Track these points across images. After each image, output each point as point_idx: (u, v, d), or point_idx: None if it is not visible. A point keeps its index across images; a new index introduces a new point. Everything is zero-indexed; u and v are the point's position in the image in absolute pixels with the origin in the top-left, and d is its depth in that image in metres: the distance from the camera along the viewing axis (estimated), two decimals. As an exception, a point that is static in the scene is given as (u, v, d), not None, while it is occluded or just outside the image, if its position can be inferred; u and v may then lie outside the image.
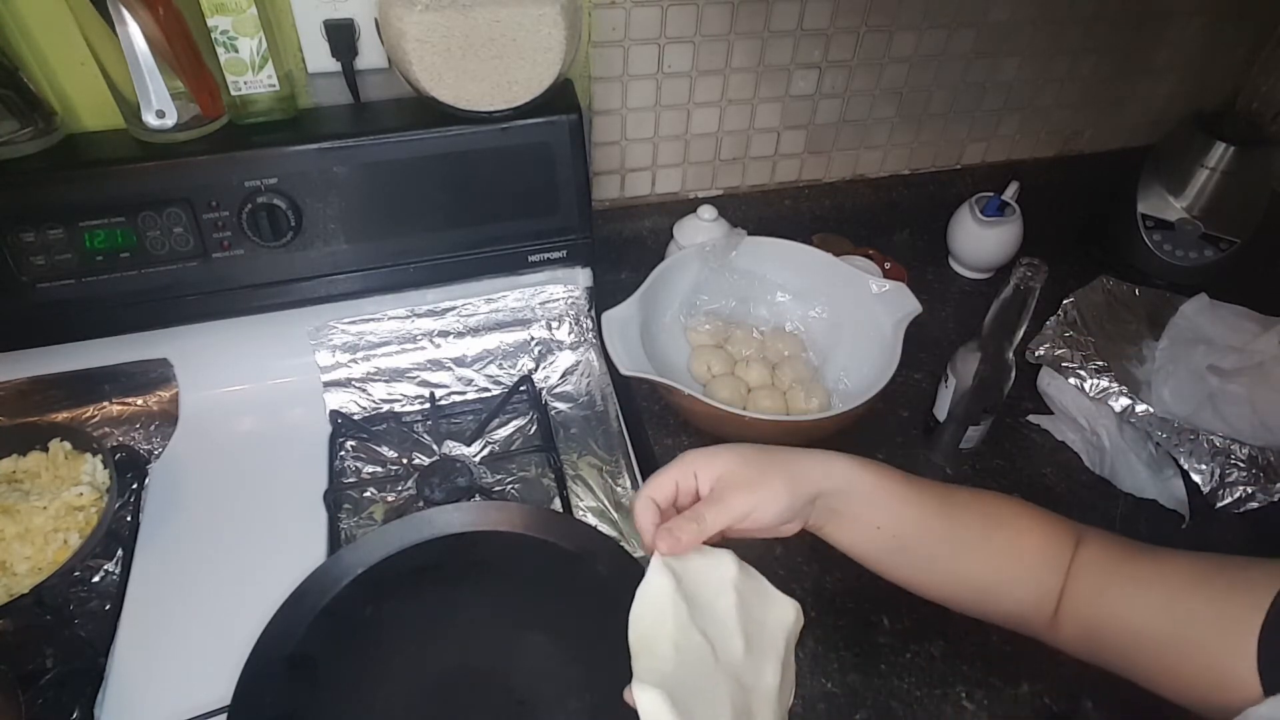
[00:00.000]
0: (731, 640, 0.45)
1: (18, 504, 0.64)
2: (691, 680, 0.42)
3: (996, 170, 1.09)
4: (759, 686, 0.45)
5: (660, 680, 0.41)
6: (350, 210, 0.74)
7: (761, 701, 0.44)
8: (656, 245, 0.97)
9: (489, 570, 0.65)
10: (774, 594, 0.49)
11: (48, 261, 0.68)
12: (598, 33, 0.83)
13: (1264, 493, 0.74)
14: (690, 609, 0.44)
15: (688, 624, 0.44)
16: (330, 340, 0.82)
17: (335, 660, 0.59)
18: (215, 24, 0.65)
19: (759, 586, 0.49)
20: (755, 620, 0.47)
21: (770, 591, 0.49)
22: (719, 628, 0.45)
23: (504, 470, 0.78)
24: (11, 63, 0.66)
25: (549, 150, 0.75)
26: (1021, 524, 0.51)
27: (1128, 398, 0.79)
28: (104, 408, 0.80)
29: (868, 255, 0.96)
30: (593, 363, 0.88)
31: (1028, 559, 0.50)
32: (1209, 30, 1.05)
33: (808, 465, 0.48)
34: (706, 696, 0.42)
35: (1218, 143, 0.95)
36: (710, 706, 0.42)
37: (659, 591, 0.45)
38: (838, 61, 0.93)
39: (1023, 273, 0.64)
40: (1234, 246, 0.97)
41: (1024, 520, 0.51)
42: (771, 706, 0.44)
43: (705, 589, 0.46)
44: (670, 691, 0.41)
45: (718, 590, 0.46)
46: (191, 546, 0.70)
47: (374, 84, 0.78)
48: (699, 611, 0.45)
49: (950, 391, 0.75)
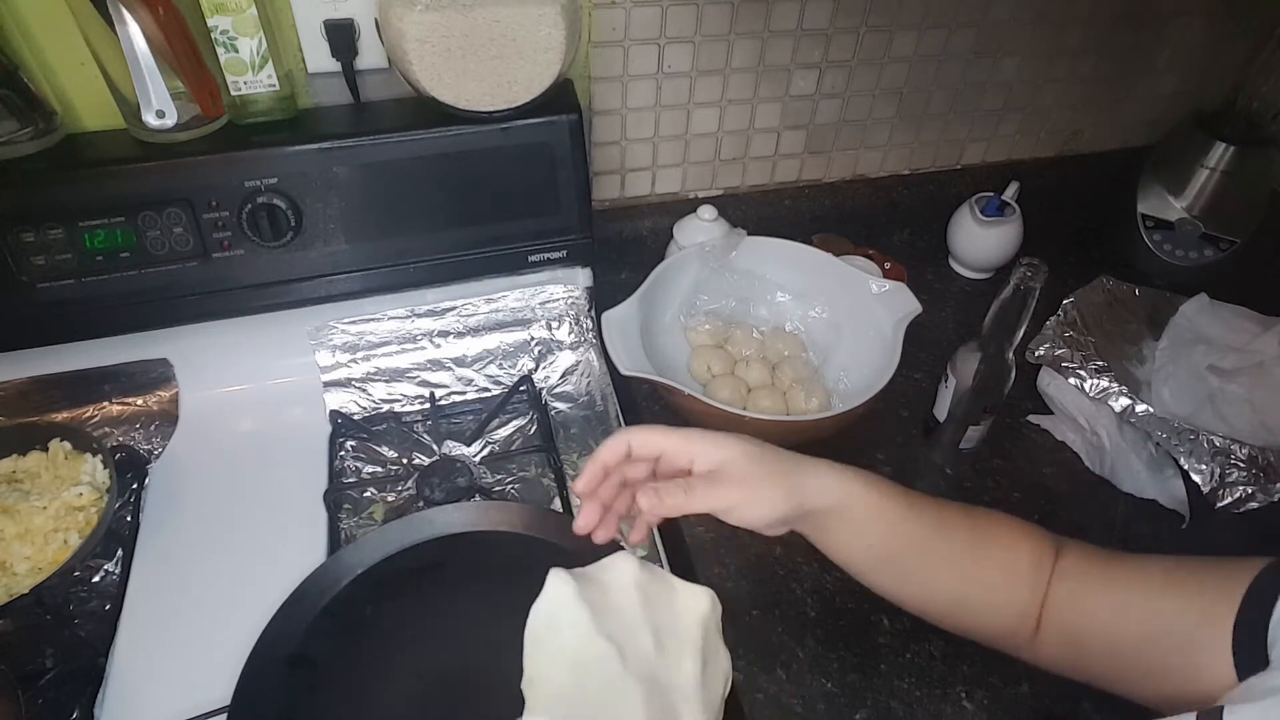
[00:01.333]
0: (640, 640, 0.44)
1: (18, 504, 0.64)
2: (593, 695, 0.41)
3: (996, 170, 1.09)
4: (678, 681, 0.44)
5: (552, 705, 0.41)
6: (350, 210, 0.74)
7: (683, 695, 0.43)
8: (656, 245, 0.97)
9: (489, 570, 0.65)
10: (681, 586, 0.48)
11: (48, 261, 0.68)
12: (598, 33, 0.83)
13: (1264, 493, 0.74)
14: (592, 615, 0.44)
15: (589, 634, 0.43)
16: (330, 340, 0.82)
17: (335, 660, 0.59)
18: (215, 24, 0.65)
19: (664, 581, 0.48)
20: (664, 616, 0.46)
21: (676, 584, 0.48)
22: (625, 630, 0.44)
23: (504, 470, 0.78)
24: (11, 63, 0.66)
25: (549, 150, 0.75)
26: (1007, 539, 0.52)
27: (1128, 398, 0.79)
28: (104, 408, 0.80)
29: (868, 255, 0.96)
30: (593, 363, 0.88)
31: (1013, 574, 0.50)
32: (1209, 30, 1.05)
33: (808, 480, 0.48)
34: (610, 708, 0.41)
35: (1218, 143, 0.95)
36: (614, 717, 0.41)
37: (555, 604, 0.45)
38: (838, 61, 0.93)
39: (1023, 273, 0.64)
40: (1234, 246, 0.97)
41: (1010, 535, 0.52)
42: (695, 698, 0.44)
43: (607, 593, 0.46)
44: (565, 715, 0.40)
45: (620, 591, 0.46)
46: (191, 546, 0.70)
47: (374, 84, 0.78)
48: (603, 616, 0.44)
49: (950, 391, 0.75)
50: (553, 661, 0.43)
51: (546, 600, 0.45)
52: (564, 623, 0.44)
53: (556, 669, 0.43)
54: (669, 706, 0.43)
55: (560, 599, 0.45)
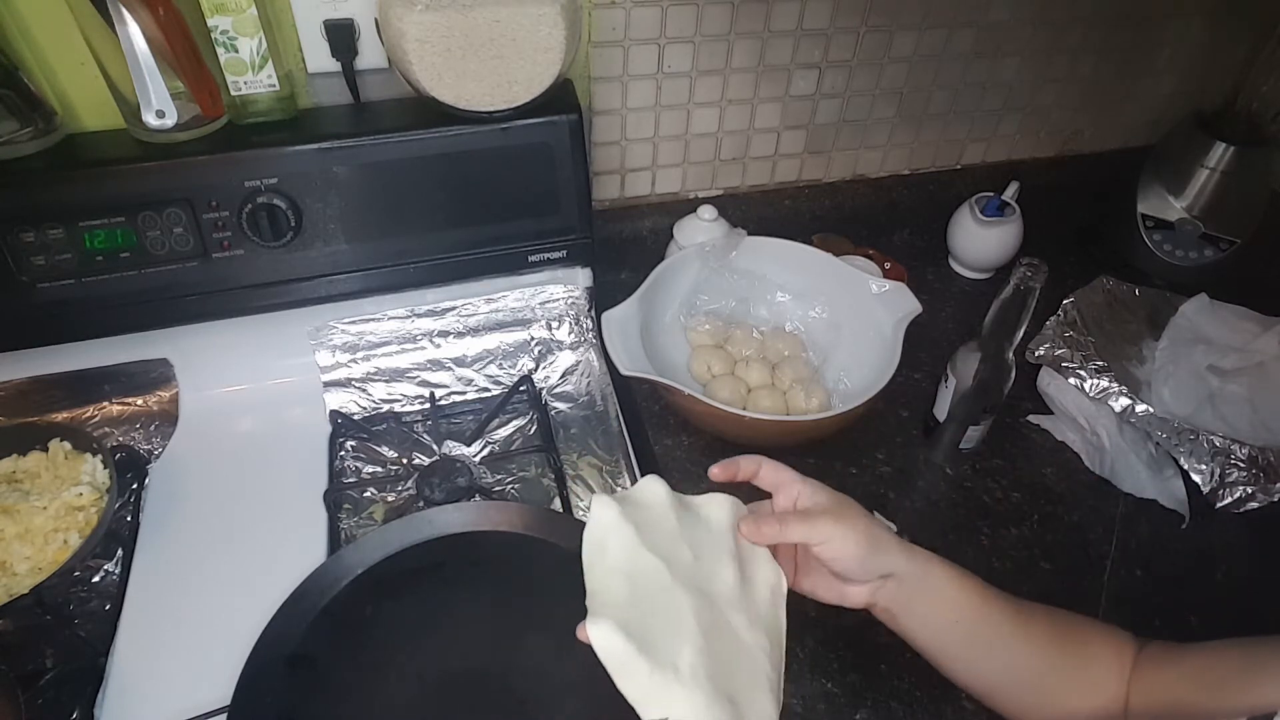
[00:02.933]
0: (681, 553, 0.47)
1: (18, 504, 0.64)
2: (648, 602, 0.44)
3: (996, 170, 1.09)
4: (719, 589, 0.47)
5: (613, 612, 0.43)
6: (350, 210, 0.74)
7: (728, 602, 0.46)
8: (656, 245, 0.97)
9: (489, 570, 0.65)
10: (703, 501, 0.52)
11: (48, 261, 0.68)
12: (598, 33, 0.83)
13: (1264, 493, 0.74)
14: (638, 531, 0.47)
15: (637, 548, 0.46)
16: (330, 340, 0.82)
17: (335, 660, 0.59)
18: (215, 24, 0.65)
19: (688, 501, 0.52)
20: (698, 530, 0.49)
21: (698, 501, 0.52)
22: (668, 544, 0.47)
23: (504, 470, 0.78)
24: (11, 63, 0.66)
25: (549, 150, 0.75)
26: (1085, 626, 0.52)
27: (1128, 398, 0.79)
28: (104, 408, 0.80)
29: (868, 255, 0.96)
30: (593, 363, 0.88)
31: (1096, 657, 0.50)
32: (1209, 30, 1.05)
33: (890, 543, 0.50)
34: (666, 613, 0.44)
35: (1218, 143, 0.95)
36: (670, 621, 0.44)
37: (604, 526, 0.47)
38: (838, 61, 0.93)
39: (1023, 273, 0.64)
40: (1234, 246, 0.97)
41: (1088, 622, 0.53)
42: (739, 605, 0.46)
43: (648, 511, 0.49)
44: (625, 619, 0.43)
45: (658, 509, 0.49)
46: (191, 546, 0.70)
47: (374, 84, 0.78)
48: (646, 532, 0.47)
49: (950, 391, 0.75)
50: (609, 574, 0.46)
51: (595, 523, 0.48)
52: (613, 542, 0.47)
53: (614, 579, 0.45)
54: (718, 612, 0.45)
55: (607, 520, 0.47)
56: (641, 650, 0.42)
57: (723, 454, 0.78)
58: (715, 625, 0.45)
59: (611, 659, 0.42)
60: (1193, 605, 0.69)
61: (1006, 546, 0.73)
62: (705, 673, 0.42)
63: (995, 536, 0.74)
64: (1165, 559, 0.72)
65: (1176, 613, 0.68)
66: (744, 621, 0.46)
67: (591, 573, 0.46)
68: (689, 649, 0.43)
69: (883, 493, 0.77)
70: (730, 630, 0.45)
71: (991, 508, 0.76)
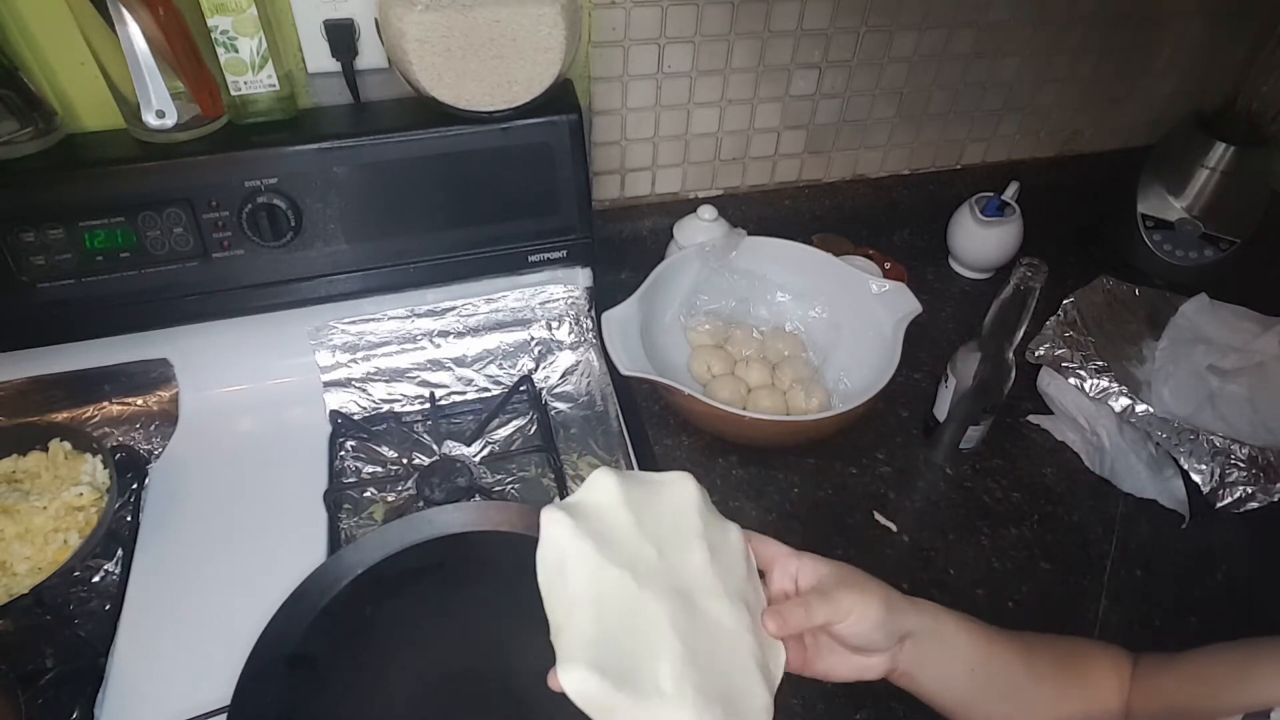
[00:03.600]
0: (645, 553, 0.44)
1: (18, 504, 0.64)
2: (618, 623, 0.41)
3: (996, 170, 1.09)
4: (692, 577, 0.44)
5: (582, 651, 0.40)
6: (350, 210, 0.74)
7: (702, 590, 0.44)
8: (656, 245, 0.97)
9: (489, 570, 0.65)
10: (659, 480, 0.48)
11: (48, 261, 0.68)
12: (598, 33, 0.83)
13: (1264, 493, 0.74)
14: (596, 546, 0.43)
15: (598, 565, 0.43)
16: (330, 340, 0.82)
17: (335, 660, 0.59)
18: (215, 24, 0.65)
19: (643, 483, 0.48)
20: (657, 520, 0.46)
21: (653, 480, 0.48)
22: (629, 550, 0.44)
23: (504, 470, 0.78)
24: (11, 63, 0.66)
25: (549, 150, 0.75)
26: (1084, 651, 0.53)
27: (1128, 398, 0.79)
28: (104, 408, 0.80)
29: (868, 255, 0.96)
30: (593, 363, 0.88)
31: (1100, 684, 0.51)
32: (1209, 30, 1.05)
33: (902, 603, 0.48)
34: (639, 630, 0.41)
35: (1218, 143, 0.95)
36: (646, 637, 0.41)
37: (559, 547, 0.44)
38: (838, 61, 0.93)
39: (1023, 273, 0.64)
40: (1234, 246, 0.97)
41: (1084, 648, 0.53)
42: (712, 587, 0.44)
43: (601, 518, 0.45)
44: (596, 655, 0.40)
45: (612, 511, 0.46)
46: (191, 546, 0.70)
47: (374, 84, 0.78)
48: (605, 544, 0.44)
49: (950, 391, 0.75)
50: (573, 604, 0.42)
51: (549, 545, 0.44)
52: (571, 562, 0.43)
53: (579, 610, 0.42)
54: (693, 606, 0.43)
55: (561, 540, 0.44)
56: (620, 684, 0.39)
57: (723, 454, 0.79)
58: (693, 625, 0.43)
59: (590, 704, 0.39)
60: (1193, 605, 0.69)
61: (1006, 546, 0.73)
62: (691, 683, 0.40)
63: (995, 536, 0.74)
64: (1165, 559, 0.72)
65: (1176, 613, 0.68)
66: (724, 605, 0.44)
67: (552, 601, 0.43)
68: (669, 663, 0.41)
69: (883, 493, 0.77)
70: (711, 623, 0.43)
71: (991, 508, 0.76)
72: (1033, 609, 0.68)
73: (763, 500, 0.76)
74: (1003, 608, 0.68)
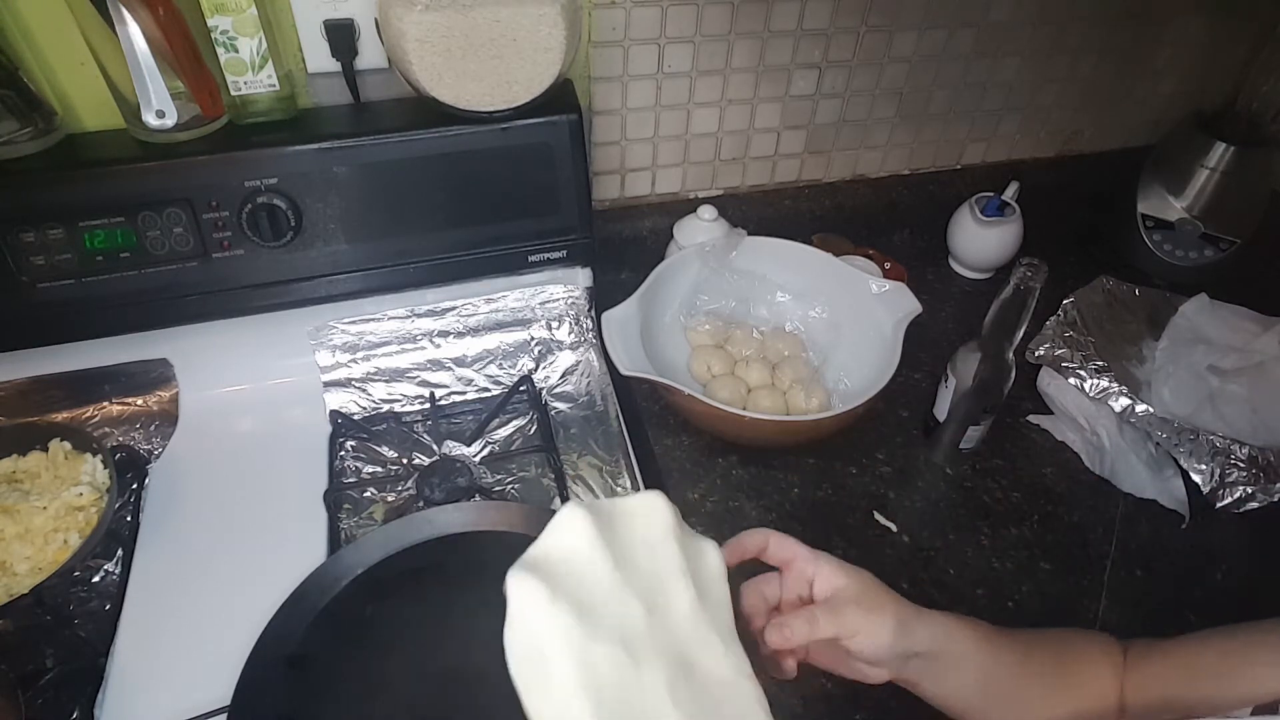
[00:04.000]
0: (630, 612, 0.37)
1: (18, 504, 0.64)
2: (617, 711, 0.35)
3: (996, 170, 1.09)
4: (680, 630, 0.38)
5: None
6: (350, 210, 0.74)
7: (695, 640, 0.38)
8: (656, 245, 0.97)
9: (489, 570, 0.64)
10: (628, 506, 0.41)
11: (48, 261, 0.68)
12: (598, 33, 0.83)
13: (1264, 493, 0.74)
14: (579, 618, 0.36)
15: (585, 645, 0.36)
16: (330, 340, 0.82)
17: (335, 660, 0.59)
18: (215, 24, 0.65)
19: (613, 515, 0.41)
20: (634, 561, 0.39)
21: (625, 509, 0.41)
22: (613, 611, 0.37)
23: (504, 470, 0.78)
24: (11, 63, 0.66)
25: (549, 150, 0.75)
26: (1078, 644, 0.53)
27: (1128, 398, 0.79)
28: (104, 408, 0.80)
29: (868, 255, 0.96)
30: (593, 363, 0.88)
31: (1097, 678, 0.51)
32: (1209, 30, 1.05)
33: (914, 621, 0.48)
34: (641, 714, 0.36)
35: (1218, 143, 0.95)
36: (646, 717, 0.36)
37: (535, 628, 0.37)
38: (838, 61, 0.93)
39: (1023, 273, 0.64)
40: (1234, 246, 0.97)
41: (1077, 640, 0.53)
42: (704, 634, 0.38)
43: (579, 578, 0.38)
44: None
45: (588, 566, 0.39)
46: (191, 546, 0.70)
47: (374, 84, 0.78)
48: (588, 614, 0.37)
49: (950, 391, 0.75)
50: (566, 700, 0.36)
51: (520, 627, 0.37)
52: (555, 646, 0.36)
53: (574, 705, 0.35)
54: (690, 668, 0.37)
55: (535, 621, 0.37)
56: None
57: (723, 454, 0.79)
58: (692, 690, 0.37)
59: None
60: (1193, 605, 0.69)
61: (1006, 546, 0.73)
62: None
63: (995, 536, 0.74)
64: (1165, 559, 0.72)
65: (1176, 612, 0.68)
66: (718, 654, 0.39)
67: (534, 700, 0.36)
68: None
69: (883, 493, 0.77)
70: (711, 682, 0.38)
71: (991, 508, 0.76)
72: (1033, 609, 0.68)
73: (763, 500, 0.76)
74: (1003, 608, 0.68)
